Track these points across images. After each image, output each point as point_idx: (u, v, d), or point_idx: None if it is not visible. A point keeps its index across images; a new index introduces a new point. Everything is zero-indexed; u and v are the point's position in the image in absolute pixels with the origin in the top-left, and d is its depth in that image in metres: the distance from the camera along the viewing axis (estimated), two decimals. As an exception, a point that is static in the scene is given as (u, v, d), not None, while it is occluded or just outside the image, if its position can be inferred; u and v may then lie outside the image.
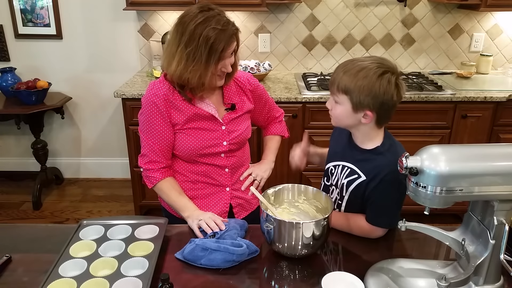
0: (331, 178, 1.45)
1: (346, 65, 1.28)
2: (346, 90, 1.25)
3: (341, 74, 1.26)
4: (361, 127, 1.31)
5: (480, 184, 0.96)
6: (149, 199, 2.93)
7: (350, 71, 1.25)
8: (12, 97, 3.05)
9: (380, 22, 3.15)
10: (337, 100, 1.29)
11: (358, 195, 1.34)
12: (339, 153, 1.43)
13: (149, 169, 1.48)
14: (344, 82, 1.25)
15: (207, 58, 1.34)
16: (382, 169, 1.27)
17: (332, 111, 1.34)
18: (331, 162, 1.45)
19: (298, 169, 1.56)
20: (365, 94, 1.22)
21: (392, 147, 1.32)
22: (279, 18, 3.13)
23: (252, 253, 1.24)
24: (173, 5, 2.79)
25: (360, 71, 1.23)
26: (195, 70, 1.35)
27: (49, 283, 1.06)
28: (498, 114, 2.72)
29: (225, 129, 1.51)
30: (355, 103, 1.25)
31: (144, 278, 1.08)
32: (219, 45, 1.33)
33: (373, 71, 1.22)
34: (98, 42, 3.23)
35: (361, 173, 1.33)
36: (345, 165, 1.38)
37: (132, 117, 2.72)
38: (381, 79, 1.22)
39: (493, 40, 3.19)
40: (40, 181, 3.23)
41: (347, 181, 1.36)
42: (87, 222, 1.34)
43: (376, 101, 1.23)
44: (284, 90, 2.76)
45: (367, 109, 1.25)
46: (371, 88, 1.22)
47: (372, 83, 1.21)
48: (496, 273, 1.04)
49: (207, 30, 1.32)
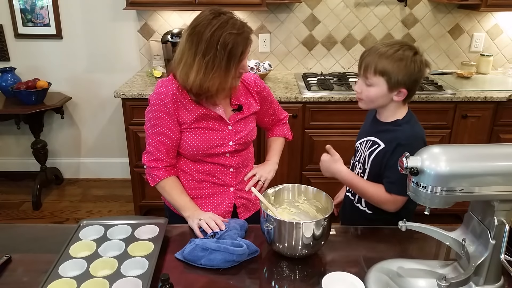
0: (357, 155, 1.55)
1: (378, 49, 1.36)
2: (384, 72, 1.34)
3: (376, 58, 1.35)
4: (390, 104, 1.42)
5: (480, 184, 0.96)
6: (149, 199, 2.93)
7: (386, 53, 1.34)
8: (12, 97, 3.04)
9: (380, 22, 3.15)
10: (371, 83, 1.38)
11: (378, 164, 1.43)
12: (364, 130, 1.56)
13: (153, 167, 1.48)
14: (382, 64, 1.34)
15: (226, 64, 1.34)
16: (399, 137, 1.38)
17: (363, 94, 1.42)
18: (358, 140, 1.57)
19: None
20: (403, 74, 1.34)
21: (411, 121, 1.45)
22: (279, 18, 3.13)
23: (252, 253, 1.24)
24: (173, 5, 2.79)
25: (395, 53, 1.34)
26: (215, 78, 1.35)
27: (49, 283, 1.06)
28: (498, 114, 2.72)
29: (232, 129, 1.51)
30: (392, 83, 1.35)
31: (144, 278, 1.08)
32: (237, 49, 1.33)
33: (406, 52, 1.34)
34: (98, 42, 3.23)
35: (380, 142, 1.43)
36: (368, 139, 1.49)
37: (132, 117, 2.72)
38: (415, 58, 1.34)
39: (493, 40, 3.19)
40: (40, 181, 3.23)
41: (368, 153, 1.47)
42: (87, 222, 1.34)
43: (411, 78, 1.36)
44: (284, 90, 2.76)
45: (402, 87, 1.36)
46: (408, 67, 1.34)
47: (409, 63, 1.34)
48: (496, 273, 1.04)
49: (224, 36, 1.31)
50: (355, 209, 1.55)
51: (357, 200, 1.55)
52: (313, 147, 2.77)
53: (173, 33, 2.79)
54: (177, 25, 3.12)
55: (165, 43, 2.88)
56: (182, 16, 3.11)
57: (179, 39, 2.74)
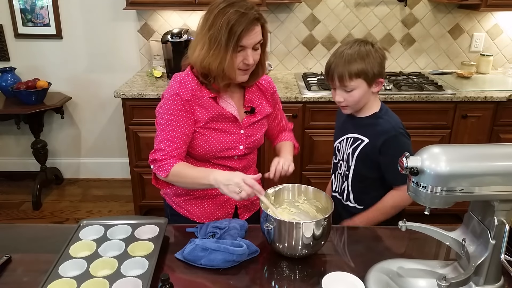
0: (339, 154, 1.57)
1: (342, 56, 1.42)
2: (359, 73, 1.40)
3: (345, 64, 1.41)
4: (369, 98, 1.47)
5: (480, 184, 0.96)
6: (149, 199, 2.93)
7: (351, 56, 1.41)
8: (12, 97, 3.05)
9: (380, 22, 3.15)
10: (351, 88, 1.43)
11: (364, 159, 1.47)
12: (342, 129, 1.58)
13: (163, 159, 1.40)
14: (354, 67, 1.40)
15: (226, 41, 1.31)
16: (385, 130, 1.44)
17: (347, 100, 1.46)
18: (336, 140, 1.60)
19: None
20: (376, 65, 1.41)
21: (388, 111, 1.51)
22: (279, 18, 3.13)
23: (252, 253, 1.24)
24: (173, 5, 2.79)
25: (359, 52, 1.41)
26: (215, 55, 1.33)
27: (49, 283, 1.06)
28: (498, 114, 2.72)
29: (244, 133, 1.49)
30: (370, 79, 1.42)
31: (144, 278, 1.08)
32: (238, 27, 1.30)
33: (366, 47, 1.42)
34: (98, 42, 3.23)
35: (363, 138, 1.48)
36: (349, 136, 1.53)
37: (132, 117, 2.72)
38: (376, 48, 1.44)
39: (493, 40, 3.19)
40: (40, 181, 3.23)
41: (351, 150, 1.50)
42: (87, 222, 1.33)
43: (381, 66, 1.44)
44: (284, 90, 2.76)
45: (378, 77, 1.44)
46: (376, 58, 1.42)
47: (374, 54, 1.42)
48: (496, 273, 1.04)
49: (229, 14, 1.30)
50: (345, 208, 1.56)
51: (345, 198, 1.56)
52: (313, 147, 2.77)
53: (173, 33, 2.79)
54: (177, 25, 3.12)
55: (165, 43, 2.88)
56: (182, 16, 3.11)
57: (179, 39, 2.78)
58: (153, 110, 1.51)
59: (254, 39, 1.35)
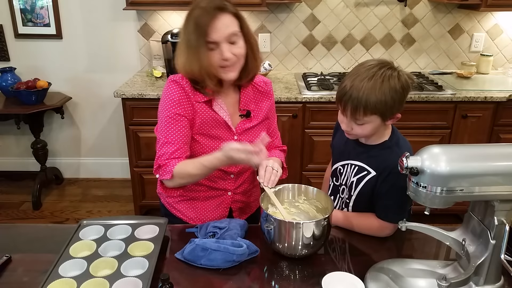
0: (340, 178, 1.46)
1: (360, 87, 1.21)
2: (375, 110, 1.22)
3: (363, 98, 1.20)
4: (381, 129, 1.32)
5: (480, 184, 0.96)
6: (149, 199, 2.93)
7: (371, 91, 1.20)
8: (12, 97, 3.04)
9: (380, 22, 3.15)
10: (363, 122, 1.26)
11: (367, 192, 1.35)
12: (345, 152, 1.44)
13: (165, 163, 1.33)
14: (372, 104, 1.20)
15: (196, 40, 1.25)
16: (391, 162, 1.24)
17: (355, 131, 1.30)
18: (339, 162, 1.46)
19: None
20: (397, 103, 1.24)
21: (399, 141, 1.35)
22: (279, 18, 3.13)
23: (252, 253, 1.23)
24: (173, 5, 2.79)
25: (380, 87, 1.20)
26: (192, 58, 1.28)
27: (49, 283, 1.06)
28: (498, 114, 2.72)
29: (237, 139, 1.44)
30: (387, 116, 1.26)
31: (144, 278, 1.08)
32: (201, 19, 1.24)
33: (391, 81, 1.21)
34: (98, 42, 3.23)
35: (370, 169, 1.34)
36: (353, 163, 1.39)
37: (132, 117, 2.72)
38: (400, 81, 1.22)
39: (493, 40, 3.19)
40: (40, 181, 3.23)
41: (356, 179, 1.38)
42: (87, 222, 1.33)
43: (402, 102, 1.26)
44: (284, 90, 2.76)
45: (397, 113, 1.28)
46: (399, 94, 1.22)
47: (397, 89, 1.21)
48: (496, 273, 1.04)
49: (194, 13, 1.28)
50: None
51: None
52: (313, 147, 2.77)
53: (173, 33, 2.79)
54: (177, 25, 3.12)
55: (165, 43, 2.88)
56: (182, 16, 3.06)
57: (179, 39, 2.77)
58: (153, 110, 1.50)
59: (224, 31, 1.26)
